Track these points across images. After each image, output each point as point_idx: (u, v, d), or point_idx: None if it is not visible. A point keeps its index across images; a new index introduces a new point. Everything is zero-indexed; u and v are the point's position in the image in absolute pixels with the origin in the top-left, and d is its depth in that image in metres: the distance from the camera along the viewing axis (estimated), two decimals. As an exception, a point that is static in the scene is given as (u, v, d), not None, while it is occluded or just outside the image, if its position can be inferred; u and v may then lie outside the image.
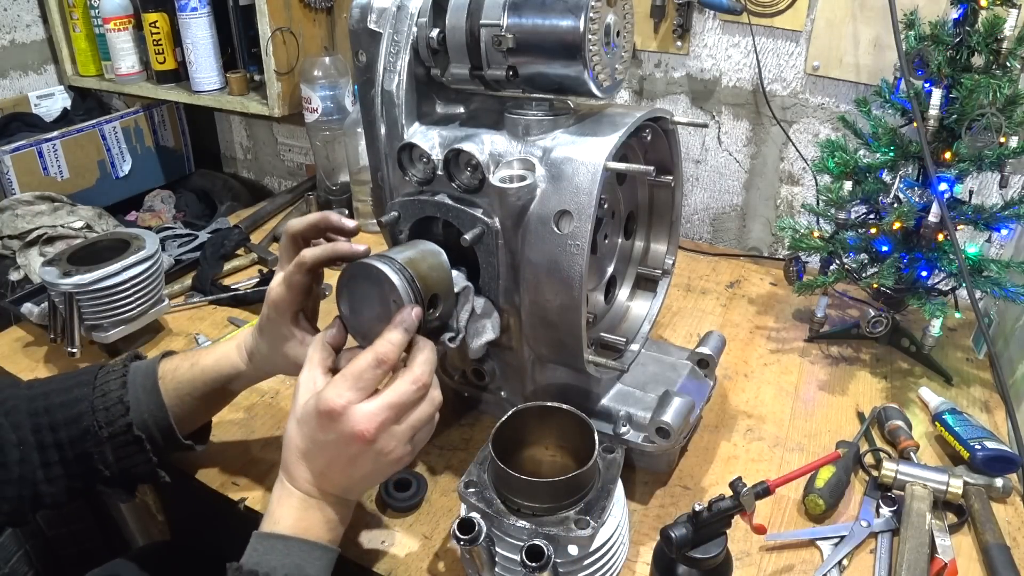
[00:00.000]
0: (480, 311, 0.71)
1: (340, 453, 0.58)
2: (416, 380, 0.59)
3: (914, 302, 0.94)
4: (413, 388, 0.59)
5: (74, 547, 1.08)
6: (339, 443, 0.57)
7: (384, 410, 0.57)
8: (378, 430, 0.57)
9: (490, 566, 0.60)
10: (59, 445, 0.68)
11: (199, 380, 0.72)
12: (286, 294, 0.67)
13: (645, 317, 0.89)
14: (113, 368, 0.72)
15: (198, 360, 0.73)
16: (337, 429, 0.56)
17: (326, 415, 0.56)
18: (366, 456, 0.58)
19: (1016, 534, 0.73)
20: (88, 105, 1.79)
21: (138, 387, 0.70)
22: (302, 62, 1.41)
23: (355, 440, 0.56)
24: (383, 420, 0.57)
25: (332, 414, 0.56)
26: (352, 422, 0.56)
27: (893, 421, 0.85)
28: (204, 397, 0.73)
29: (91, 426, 0.67)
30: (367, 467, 0.59)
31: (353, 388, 0.57)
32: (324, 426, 0.57)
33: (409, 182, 0.73)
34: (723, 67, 1.24)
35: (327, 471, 0.59)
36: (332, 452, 0.58)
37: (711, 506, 0.60)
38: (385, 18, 0.70)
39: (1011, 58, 0.83)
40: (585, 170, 0.65)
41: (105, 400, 0.68)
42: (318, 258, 0.66)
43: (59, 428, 0.68)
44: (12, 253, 1.31)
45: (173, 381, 0.71)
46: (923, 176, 0.91)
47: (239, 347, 0.73)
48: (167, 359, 0.74)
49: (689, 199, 1.38)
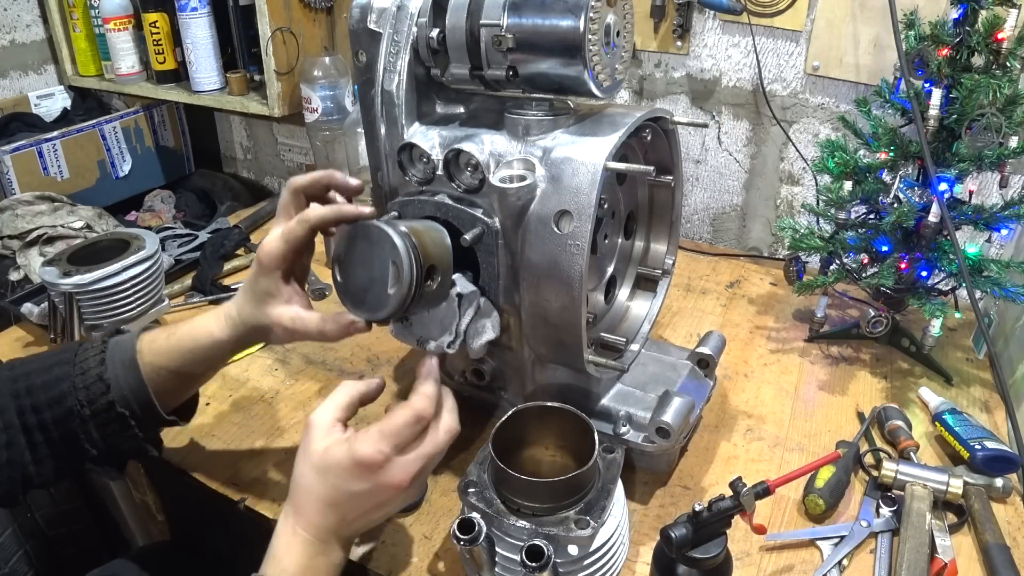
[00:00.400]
0: (480, 311, 0.71)
1: (371, 501, 0.59)
2: (449, 431, 0.61)
3: (914, 302, 0.94)
4: (446, 439, 0.61)
5: (74, 547, 1.08)
6: (373, 493, 0.58)
7: (420, 460, 0.59)
8: (413, 479, 0.59)
9: (490, 566, 0.60)
10: (43, 426, 0.66)
11: (175, 352, 0.69)
12: (281, 248, 0.65)
13: (645, 317, 0.89)
14: (92, 345, 0.69)
15: (175, 331, 0.70)
16: (374, 480, 0.57)
17: (365, 467, 0.57)
18: (394, 500, 0.60)
19: (1016, 534, 0.73)
20: (88, 105, 1.79)
21: (117, 363, 0.68)
22: (302, 62, 1.41)
23: (391, 489, 0.58)
24: (420, 469, 0.59)
25: (372, 467, 0.57)
26: (391, 475, 0.58)
27: (893, 421, 0.85)
28: (182, 370, 0.70)
29: (74, 406, 0.66)
30: (391, 508, 0.61)
31: (390, 444, 0.58)
32: (359, 477, 0.57)
33: (409, 182, 0.73)
34: (723, 67, 1.24)
35: (348, 516, 0.59)
36: (364, 501, 0.59)
37: (711, 506, 0.60)
38: (385, 18, 0.70)
39: (1011, 58, 0.83)
40: (585, 170, 0.65)
41: (85, 379, 0.66)
42: (323, 217, 0.64)
43: (43, 409, 0.66)
44: (12, 253, 1.31)
45: (151, 355, 0.69)
46: (923, 176, 0.91)
47: (217, 316, 0.70)
48: (146, 332, 0.71)
49: (689, 199, 1.38)
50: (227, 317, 0.69)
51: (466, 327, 0.70)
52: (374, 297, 0.60)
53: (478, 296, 0.70)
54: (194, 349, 0.69)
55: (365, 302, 0.61)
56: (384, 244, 0.59)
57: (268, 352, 1.03)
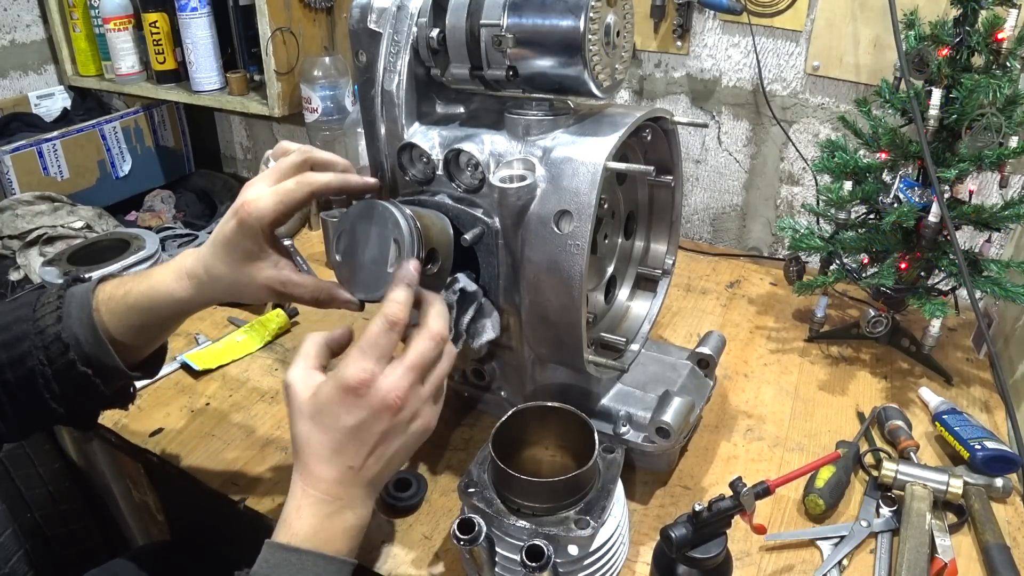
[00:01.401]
0: (480, 311, 0.71)
1: (371, 432, 0.55)
2: (434, 336, 0.57)
3: (914, 302, 0.94)
4: (432, 344, 0.57)
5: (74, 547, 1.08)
6: (369, 421, 0.54)
7: (409, 372, 0.55)
8: (407, 395, 0.54)
9: (490, 566, 0.60)
10: (5, 384, 0.64)
11: (133, 311, 0.65)
12: (274, 207, 0.60)
13: (645, 317, 0.89)
14: (48, 300, 0.65)
15: (131, 289, 0.65)
16: (366, 404, 0.54)
17: (351, 392, 0.54)
18: (397, 428, 0.56)
19: (1016, 534, 0.73)
20: (88, 105, 1.79)
21: (74, 320, 0.64)
22: (302, 62, 1.41)
23: (386, 411, 0.54)
24: (411, 383, 0.55)
25: (358, 390, 0.54)
26: (381, 392, 0.54)
27: (893, 421, 0.85)
28: (142, 328, 0.66)
29: (35, 366, 0.63)
30: (398, 440, 0.56)
31: (372, 358, 0.54)
32: (350, 406, 0.54)
33: (409, 182, 0.73)
34: (723, 67, 1.24)
35: (357, 459, 0.55)
36: (363, 434, 0.55)
37: (711, 506, 0.60)
38: (385, 18, 0.70)
39: (1011, 58, 0.83)
40: (585, 170, 0.65)
41: (43, 338, 0.63)
42: (327, 184, 0.62)
43: (4, 369, 0.63)
44: (12, 253, 1.31)
45: (108, 313, 0.65)
46: (923, 176, 0.91)
47: (178, 275, 0.65)
48: (101, 287, 0.66)
49: (689, 199, 1.38)
50: (190, 276, 0.65)
51: (465, 326, 0.70)
52: (373, 275, 0.60)
53: (480, 295, 0.70)
54: (152, 308, 0.65)
55: (364, 280, 0.60)
56: (387, 222, 0.60)
57: (268, 352, 1.03)
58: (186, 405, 0.92)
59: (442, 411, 0.61)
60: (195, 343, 1.03)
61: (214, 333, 1.06)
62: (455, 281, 0.69)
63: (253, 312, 1.12)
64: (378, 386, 0.54)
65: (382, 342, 0.55)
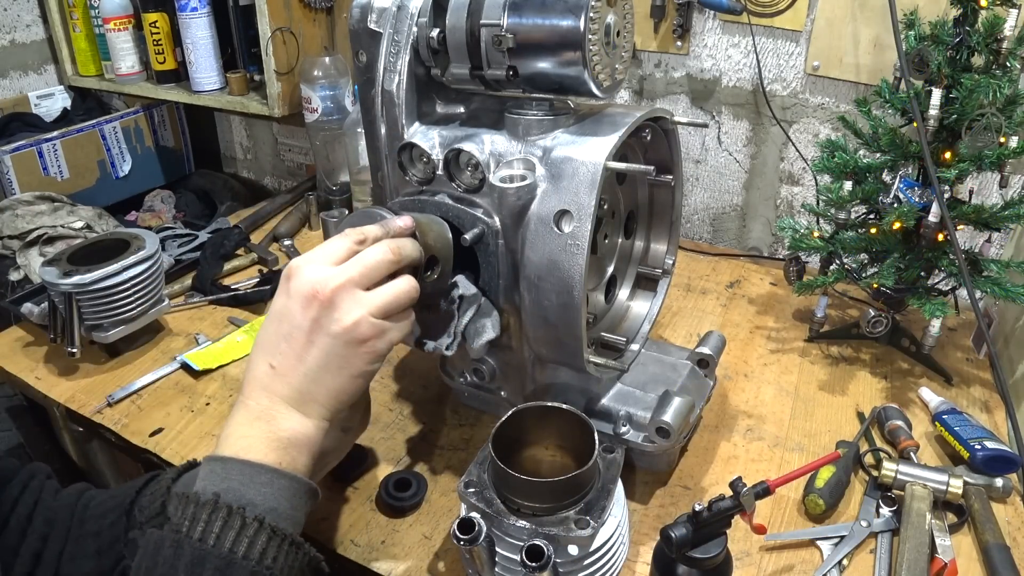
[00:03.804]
0: (480, 311, 0.71)
1: (293, 322, 0.51)
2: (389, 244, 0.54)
3: (914, 302, 0.94)
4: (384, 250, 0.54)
5: (74, 547, 1.08)
6: (291, 305, 0.51)
7: (346, 268, 0.52)
8: (338, 289, 0.51)
9: (490, 566, 0.60)
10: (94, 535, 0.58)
11: None
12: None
13: (645, 317, 0.89)
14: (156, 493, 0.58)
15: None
16: (291, 288, 0.51)
17: (284, 277, 0.52)
18: (323, 328, 0.51)
19: (1016, 534, 0.73)
20: (88, 105, 1.79)
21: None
22: (302, 62, 1.41)
23: (312, 300, 0.50)
24: (345, 279, 0.51)
25: (289, 271, 0.51)
26: (309, 275, 0.51)
27: (893, 421, 0.85)
28: None
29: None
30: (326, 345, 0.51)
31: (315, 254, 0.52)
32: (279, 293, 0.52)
33: (409, 182, 0.73)
34: (723, 67, 1.24)
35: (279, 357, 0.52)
36: (285, 322, 0.51)
37: (711, 506, 0.60)
38: (385, 18, 0.70)
39: (1011, 58, 0.83)
40: (585, 170, 0.65)
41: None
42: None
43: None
44: (12, 253, 1.31)
45: None
46: (923, 176, 0.91)
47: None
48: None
49: (689, 199, 1.38)
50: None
51: (465, 327, 0.70)
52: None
53: (480, 298, 0.70)
54: None
55: None
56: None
57: (268, 352, 1.02)
58: (186, 405, 0.92)
59: (442, 411, 0.61)
60: (195, 343, 1.03)
61: (214, 333, 1.06)
62: (454, 286, 0.69)
63: (253, 312, 1.12)
64: (305, 271, 0.52)
65: (330, 241, 0.53)
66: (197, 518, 0.47)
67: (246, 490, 0.49)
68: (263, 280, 1.17)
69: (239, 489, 0.49)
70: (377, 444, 0.84)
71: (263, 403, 0.52)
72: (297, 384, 0.53)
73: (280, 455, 0.52)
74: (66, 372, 0.97)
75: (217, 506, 0.48)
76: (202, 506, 0.48)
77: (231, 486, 0.49)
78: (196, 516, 0.47)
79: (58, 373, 0.97)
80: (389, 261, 0.54)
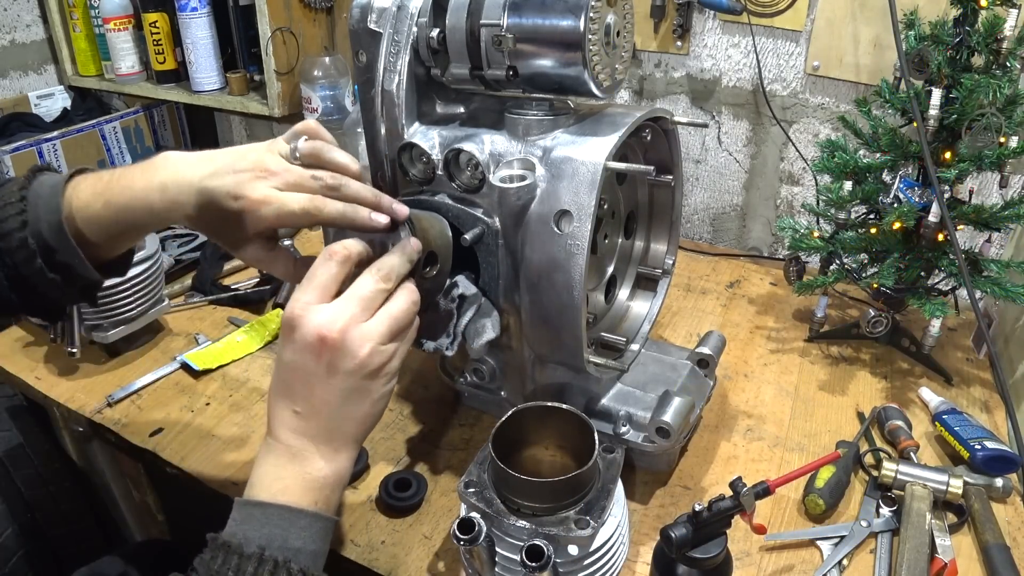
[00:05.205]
0: (480, 311, 0.71)
1: (310, 370, 0.52)
2: (381, 269, 0.54)
3: (914, 302, 0.94)
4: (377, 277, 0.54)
5: (74, 547, 1.08)
6: (305, 354, 0.52)
7: (347, 304, 0.52)
8: (344, 329, 0.51)
9: (490, 566, 0.60)
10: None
11: (114, 225, 0.60)
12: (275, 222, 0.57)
13: (645, 317, 0.89)
14: (10, 202, 0.59)
15: (111, 200, 0.60)
16: (300, 337, 0.51)
17: (288, 328, 0.52)
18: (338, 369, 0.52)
19: (1016, 534, 0.73)
20: (88, 105, 1.79)
21: (43, 225, 0.59)
22: (302, 62, 1.41)
23: (324, 346, 0.51)
24: (350, 316, 0.52)
25: (291, 322, 0.51)
26: (316, 322, 0.51)
27: (893, 421, 0.85)
28: (120, 235, 0.62)
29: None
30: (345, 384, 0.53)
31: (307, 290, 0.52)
32: (287, 341, 0.52)
33: (409, 182, 0.73)
34: (723, 67, 1.24)
35: (301, 403, 0.53)
36: (301, 371, 0.52)
37: (711, 506, 0.60)
38: (385, 18, 0.70)
39: (1011, 58, 0.83)
40: (585, 170, 0.65)
41: (8, 242, 0.58)
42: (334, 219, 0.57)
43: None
44: (12, 253, 1.31)
45: (84, 222, 0.60)
46: (923, 176, 0.91)
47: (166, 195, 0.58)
48: (75, 192, 0.61)
49: (689, 199, 1.38)
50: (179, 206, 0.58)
51: (465, 327, 0.70)
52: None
53: (480, 298, 0.70)
54: (136, 224, 0.61)
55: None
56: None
57: (268, 352, 1.03)
58: (186, 405, 0.92)
59: (442, 411, 0.61)
60: (195, 343, 1.03)
61: (214, 333, 1.06)
62: (454, 286, 0.69)
63: (253, 312, 1.12)
64: (312, 315, 0.52)
65: (319, 273, 0.53)
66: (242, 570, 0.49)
67: (287, 535, 0.51)
68: (263, 280, 1.17)
69: (280, 535, 0.50)
70: (377, 444, 0.84)
71: (295, 444, 0.54)
72: (325, 423, 0.54)
73: (316, 495, 0.53)
74: (66, 372, 0.97)
75: (263, 560, 0.49)
76: (247, 558, 0.49)
77: (272, 532, 0.50)
78: (241, 568, 0.49)
79: (58, 373, 0.97)
80: (382, 290, 0.55)
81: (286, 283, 1.14)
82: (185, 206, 0.58)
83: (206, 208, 0.58)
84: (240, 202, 0.56)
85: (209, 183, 0.57)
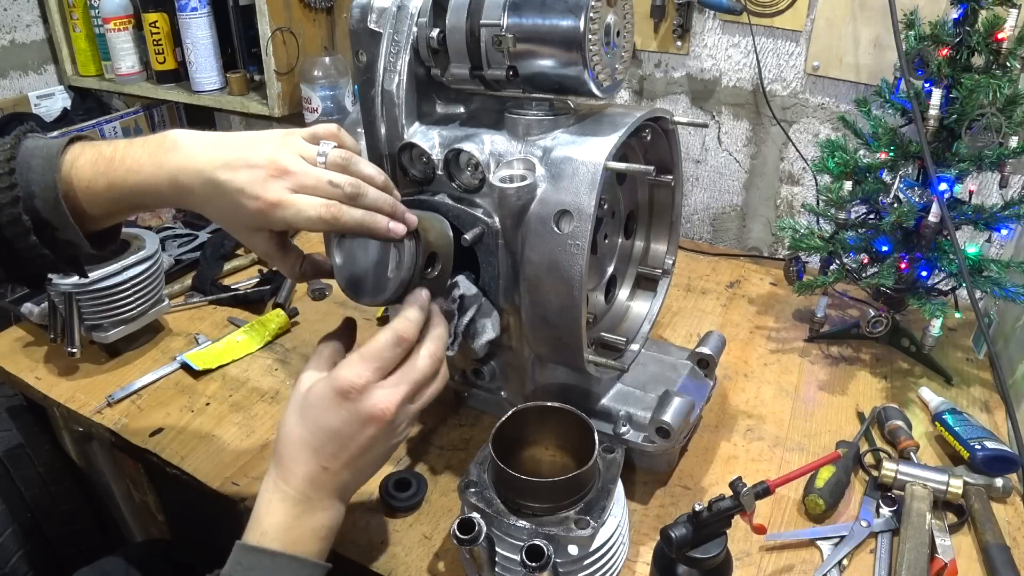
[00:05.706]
0: (480, 311, 0.71)
1: (353, 438, 0.54)
2: (433, 355, 0.57)
3: (914, 302, 0.94)
4: (430, 363, 0.57)
5: (74, 547, 1.08)
6: (353, 425, 0.54)
7: (404, 388, 0.55)
8: (396, 412, 0.54)
9: (490, 566, 0.60)
10: None
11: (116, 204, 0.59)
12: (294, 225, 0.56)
13: (645, 317, 0.89)
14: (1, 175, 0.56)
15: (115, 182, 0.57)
16: (354, 409, 0.54)
17: (342, 395, 0.53)
18: (379, 439, 0.55)
19: (1016, 534, 0.73)
20: (88, 105, 1.79)
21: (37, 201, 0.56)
22: (302, 62, 1.41)
23: (372, 421, 0.54)
24: (403, 399, 0.55)
25: (348, 394, 0.53)
26: (372, 401, 0.54)
27: (893, 421, 0.85)
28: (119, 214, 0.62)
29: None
30: (377, 450, 0.56)
31: (370, 367, 0.54)
32: (338, 407, 0.54)
33: (409, 182, 0.73)
34: (723, 67, 1.24)
35: (333, 461, 0.55)
36: (344, 437, 0.54)
37: (711, 506, 0.60)
38: (385, 18, 0.70)
39: (1011, 58, 0.83)
40: (585, 170, 0.65)
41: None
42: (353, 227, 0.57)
43: None
44: (12, 253, 1.31)
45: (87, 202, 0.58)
46: (923, 176, 0.91)
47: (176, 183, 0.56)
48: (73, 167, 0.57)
49: (689, 199, 1.38)
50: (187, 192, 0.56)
51: (466, 327, 0.70)
52: (374, 281, 0.60)
53: (480, 298, 0.70)
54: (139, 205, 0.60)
55: (364, 286, 0.61)
56: None
57: (268, 352, 1.03)
58: (186, 405, 0.92)
59: (442, 411, 0.62)
60: (195, 343, 1.03)
61: (214, 333, 1.06)
62: (455, 287, 0.69)
63: (253, 312, 1.12)
64: (372, 394, 0.54)
65: (386, 355, 0.56)
66: None
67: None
68: (263, 280, 1.17)
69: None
70: (377, 444, 0.84)
71: (312, 496, 0.55)
72: (346, 480, 0.57)
73: (322, 545, 0.56)
74: (66, 372, 0.97)
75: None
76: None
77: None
78: None
79: (58, 373, 0.97)
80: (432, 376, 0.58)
81: (286, 283, 1.15)
82: (196, 196, 0.56)
83: (216, 198, 0.56)
84: (253, 202, 0.55)
85: (222, 175, 0.55)
